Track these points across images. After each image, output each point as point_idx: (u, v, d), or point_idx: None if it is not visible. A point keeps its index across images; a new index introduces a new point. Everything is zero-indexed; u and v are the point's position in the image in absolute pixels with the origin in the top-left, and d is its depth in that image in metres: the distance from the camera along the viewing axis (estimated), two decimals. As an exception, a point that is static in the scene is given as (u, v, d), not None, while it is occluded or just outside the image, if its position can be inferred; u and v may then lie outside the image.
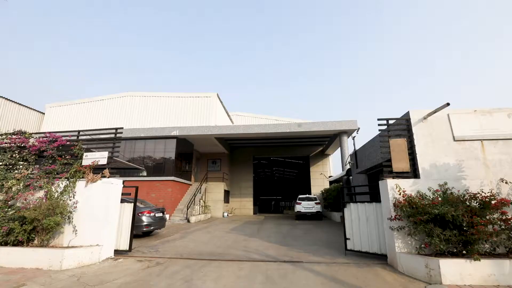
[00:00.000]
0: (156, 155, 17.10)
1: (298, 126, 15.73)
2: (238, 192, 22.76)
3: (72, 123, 20.51)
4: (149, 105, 20.16)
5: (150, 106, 20.13)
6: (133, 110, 20.37)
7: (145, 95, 20.34)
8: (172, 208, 16.37)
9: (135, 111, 20.31)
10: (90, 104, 20.83)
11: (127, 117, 20.20)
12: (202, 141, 19.04)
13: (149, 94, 20.26)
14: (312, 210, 16.16)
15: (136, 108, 20.37)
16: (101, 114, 20.46)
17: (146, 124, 19.63)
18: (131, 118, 20.09)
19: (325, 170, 22.26)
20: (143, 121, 19.67)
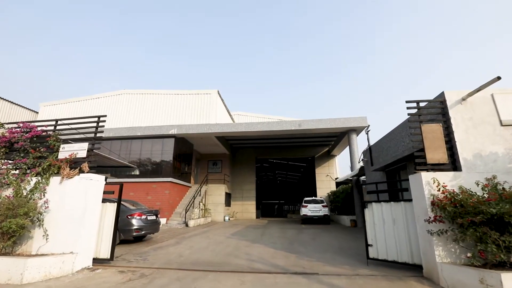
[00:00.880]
0: (154, 155, 16.19)
1: (303, 124, 14.77)
2: (240, 195, 21.74)
3: (67, 122, 19.77)
4: (146, 103, 19.33)
5: (147, 104, 19.30)
6: (129, 108, 19.54)
7: (142, 93, 19.53)
8: (169, 211, 15.39)
9: (132, 109, 19.48)
10: (85, 103, 20.07)
11: (124, 116, 19.38)
12: (202, 141, 18.11)
13: (146, 91, 19.45)
14: (319, 213, 15.11)
15: (133, 106, 19.54)
16: (97, 112, 19.64)
17: (143, 123, 18.80)
18: (127, 117, 19.26)
19: (331, 172, 21.21)
20: (141, 120, 18.82)
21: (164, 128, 16.05)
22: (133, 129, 16.40)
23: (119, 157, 16.50)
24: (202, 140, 17.84)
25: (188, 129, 15.73)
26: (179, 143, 17.00)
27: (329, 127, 14.62)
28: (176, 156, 16.42)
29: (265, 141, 20.64)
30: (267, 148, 22.46)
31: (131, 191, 15.60)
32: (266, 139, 19.68)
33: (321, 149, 21.82)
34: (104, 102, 19.97)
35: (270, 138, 19.71)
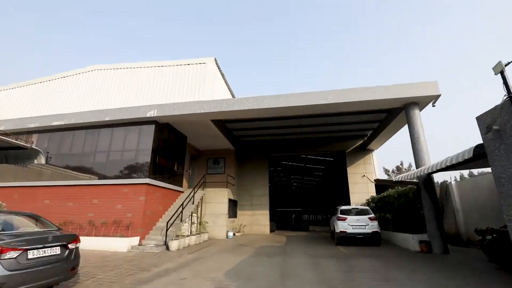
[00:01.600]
0: (127, 148, 11.74)
1: (337, 95, 9.89)
2: (249, 202, 16.91)
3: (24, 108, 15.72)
4: (124, 81, 15.08)
5: (125, 81, 15.05)
6: (102, 88, 15.35)
7: (118, 67, 15.34)
8: (146, 226, 10.78)
9: (105, 89, 15.27)
10: (49, 84, 16.09)
11: (95, 98, 15.19)
12: (195, 129, 13.54)
13: (122, 65, 15.26)
14: (365, 229, 10.04)
15: (106, 85, 15.35)
16: (63, 95, 15.65)
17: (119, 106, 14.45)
18: (100, 99, 15.04)
19: (368, 171, 16.07)
20: (117, 102, 14.51)
21: (141, 110, 11.60)
22: (101, 112, 12.05)
23: (82, 152, 12.16)
24: (194, 128, 13.27)
25: (172, 109, 11.20)
26: (164, 132, 12.49)
27: (378, 98, 9.67)
28: (158, 148, 11.90)
29: (280, 132, 15.84)
30: (282, 143, 17.63)
31: (94, 197, 11.18)
32: (282, 127, 14.89)
33: (353, 142, 16.75)
34: (72, 82, 15.94)
35: (286, 127, 14.91)
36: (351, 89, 9.92)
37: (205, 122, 12.29)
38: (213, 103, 10.79)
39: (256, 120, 13.51)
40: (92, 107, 14.63)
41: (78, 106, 14.89)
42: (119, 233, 10.25)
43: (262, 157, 17.61)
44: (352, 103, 10.01)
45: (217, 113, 10.90)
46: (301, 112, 10.88)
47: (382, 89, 9.73)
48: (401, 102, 9.93)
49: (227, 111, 10.59)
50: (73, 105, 15.14)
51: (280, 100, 10.22)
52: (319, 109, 10.58)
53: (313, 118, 13.42)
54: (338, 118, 13.47)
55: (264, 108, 10.38)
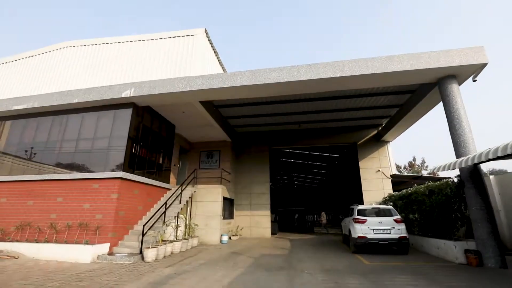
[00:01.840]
0: (99, 135, 9.78)
1: (357, 65, 7.88)
2: (248, 201, 14.93)
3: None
4: (100, 59, 13.08)
5: (101, 59, 13.05)
6: (75, 68, 13.38)
7: (93, 43, 13.38)
8: (121, 230, 8.83)
9: (79, 69, 13.29)
10: (12, 65, 14.11)
11: (68, 78, 13.19)
12: (185, 116, 11.59)
13: (99, 40, 13.29)
14: (391, 234, 8.05)
15: (80, 64, 13.38)
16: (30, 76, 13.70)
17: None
18: (73, 80, 13.05)
19: (383, 166, 14.06)
20: (92, 84, 12.49)
21: (114, 90, 9.63)
22: (68, 94, 10.10)
23: (47, 142, 10.22)
24: (184, 116, 11.31)
25: (152, 87, 9.22)
26: (145, 118, 10.54)
27: (406, 69, 7.66)
28: (136, 137, 9.94)
29: (282, 120, 13.87)
30: (285, 134, 15.64)
31: (59, 194, 9.25)
32: (283, 114, 12.91)
33: (366, 133, 14.74)
34: (41, 62, 14.00)
35: (288, 114, 12.93)
36: (372, 58, 7.91)
37: (194, 106, 10.31)
38: (201, 79, 8.80)
39: (254, 104, 11.54)
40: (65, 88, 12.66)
41: (47, 90, 12.94)
42: (84, 238, 8.30)
43: (262, 150, 15.62)
44: (372, 77, 8.00)
45: (206, 92, 8.91)
46: (308, 91, 8.88)
47: (412, 57, 7.72)
48: (435, 74, 7.91)
49: (218, 88, 8.60)
50: (40, 89, 13.19)
51: (283, 73, 8.21)
52: (330, 86, 8.58)
53: (321, 102, 11.45)
54: (350, 102, 11.48)
55: (263, 85, 8.38)
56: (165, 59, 12.05)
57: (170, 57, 11.96)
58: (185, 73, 11.17)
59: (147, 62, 12.35)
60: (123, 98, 9.55)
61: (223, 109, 12.17)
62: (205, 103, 10.49)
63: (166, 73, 11.43)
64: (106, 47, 13.25)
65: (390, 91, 10.41)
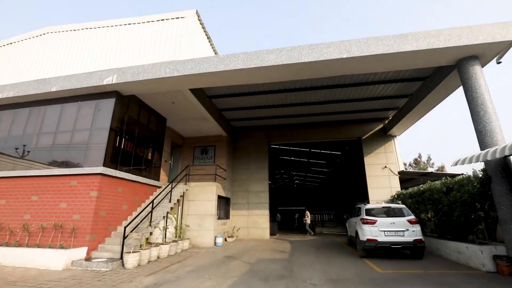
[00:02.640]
0: (79, 127, 8.86)
1: (366, 45, 6.92)
2: (245, 200, 14.00)
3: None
4: (83, 45, 12.09)
5: (85, 46, 12.06)
6: (57, 55, 12.41)
7: (76, 28, 12.40)
8: (101, 232, 7.91)
9: (61, 56, 12.32)
10: None
11: (50, 67, 12.22)
12: (176, 108, 10.69)
13: (81, 26, 12.30)
14: (405, 237, 7.11)
15: (62, 51, 12.41)
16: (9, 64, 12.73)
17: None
18: (55, 69, 12.07)
19: (390, 162, 13.11)
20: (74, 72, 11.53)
21: (95, 76, 8.69)
22: (46, 82, 9.16)
23: (22, 136, 9.30)
24: (175, 107, 10.39)
25: (136, 73, 8.28)
26: (132, 109, 9.61)
27: (422, 48, 6.70)
28: (121, 129, 9.02)
29: (281, 112, 12.94)
30: (284, 129, 14.71)
31: (34, 192, 8.34)
32: (283, 106, 11.97)
33: (371, 126, 13.79)
34: (20, 50, 13.03)
35: (288, 105, 11.99)
36: (384, 36, 6.97)
37: (184, 95, 9.38)
38: (190, 64, 7.85)
39: (250, 94, 10.61)
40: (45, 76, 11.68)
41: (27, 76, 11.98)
42: (59, 242, 7.39)
43: (260, 145, 14.68)
44: (383, 58, 7.06)
45: (196, 78, 7.97)
46: (310, 75, 7.93)
47: (429, 34, 6.77)
48: (454, 55, 6.96)
49: (210, 72, 7.65)
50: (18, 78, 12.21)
51: (282, 55, 7.27)
52: (335, 70, 7.64)
53: (323, 91, 10.52)
54: (355, 91, 10.55)
55: (260, 68, 7.44)
56: (154, 44, 11.07)
57: (158, 42, 10.98)
58: (174, 58, 10.22)
59: (134, 47, 11.38)
60: (106, 86, 8.62)
61: (218, 100, 11.24)
62: (197, 92, 9.55)
63: (154, 60, 10.46)
64: (90, 32, 12.27)
65: (400, 78, 9.47)
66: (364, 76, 9.31)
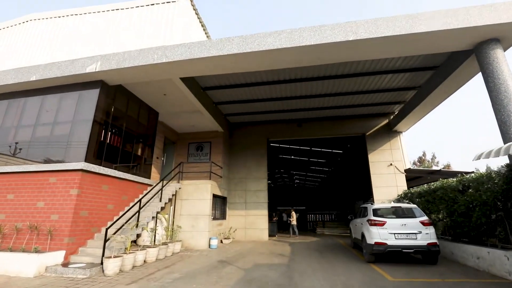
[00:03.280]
0: (61, 120, 8.16)
1: (377, 25, 6.20)
2: (242, 199, 13.29)
3: None
4: (68, 33, 11.37)
5: (70, 33, 11.34)
6: (40, 44, 11.70)
7: (60, 15, 11.67)
8: (81, 234, 7.20)
9: (44, 45, 11.61)
10: None
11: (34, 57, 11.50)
12: (168, 100, 9.98)
13: (66, 12, 11.60)
14: (417, 240, 6.40)
15: (46, 39, 11.69)
16: None
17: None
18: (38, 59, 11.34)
19: (396, 159, 12.40)
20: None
21: (77, 64, 7.98)
22: (26, 70, 8.46)
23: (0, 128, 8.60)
24: (164, 98, 9.68)
25: (122, 60, 7.56)
26: (119, 101, 8.91)
27: (437, 29, 5.98)
28: (106, 122, 8.32)
29: (280, 106, 12.23)
30: (284, 124, 14.00)
31: (10, 190, 7.66)
32: (282, 99, 11.26)
33: (375, 122, 13.08)
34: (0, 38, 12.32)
35: (287, 98, 11.28)
36: (395, 16, 6.25)
37: (176, 86, 8.67)
38: (180, 49, 7.14)
39: (247, 85, 9.90)
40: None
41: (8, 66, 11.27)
42: (35, 245, 6.68)
43: (259, 142, 13.97)
44: (393, 41, 6.35)
45: (187, 64, 7.26)
46: (312, 62, 7.21)
47: (446, 14, 6.04)
48: (473, 38, 6.25)
49: (201, 58, 6.93)
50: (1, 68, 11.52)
51: (282, 38, 6.55)
52: (339, 55, 6.93)
53: (325, 82, 9.81)
54: (360, 82, 9.83)
55: (257, 53, 6.73)
56: (142, 31, 10.35)
57: (147, 28, 10.26)
58: (165, 46, 9.49)
59: (121, 35, 10.66)
60: (89, 75, 7.90)
61: (213, 92, 10.52)
62: (189, 82, 8.84)
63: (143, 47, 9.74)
64: (75, 19, 11.55)
65: (409, 67, 8.75)
66: (370, 65, 8.59)
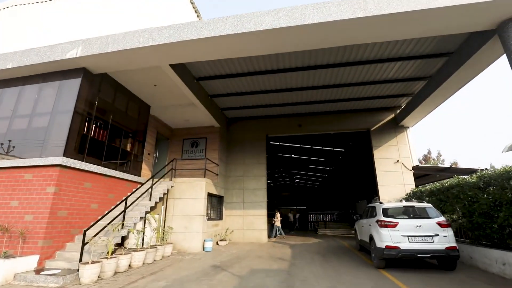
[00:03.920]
0: (39, 112, 7.46)
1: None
2: (240, 199, 12.57)
3: None
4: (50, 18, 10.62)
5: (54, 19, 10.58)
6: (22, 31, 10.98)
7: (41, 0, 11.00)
8: (59, 236, 6.51)
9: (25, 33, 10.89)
10: None
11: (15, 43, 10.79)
12: (160, 91, 9.29)
13: None
14: (434, 244, 5.68)
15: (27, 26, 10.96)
16: None
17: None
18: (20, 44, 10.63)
19: (403, 156, 11.68)
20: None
21: (57, 50, 7.28)
22: (2, 57, 7.75)
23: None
24: (155, 89, 8.99)
25: (104, 45, 6.86)
26: (105, 92, 8.21)
27: (457, 3, 5.26)
28: (89, 114, 7.62)
29: (279, 98, 11.53)
30: (284, 119, 13.29)
31: (-19, 189, 6.90)
32: (281, 91, 10.55)
33: (381, 117, 12.36)
34: None
35: (287, 90, 10.59)
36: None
37: (166, 75, 7.97)
38: (168, 30, 6.43)
39: (244, 75, 9.19)
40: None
41: None
42: (5, 249, 5.98)
43: (257, 138, 13.26)
44: (406, 19, 5.63)
45: (176, 48, 6.56)
46: (314, 45, 6.51)
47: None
48: (498, 12, 5.53)
49: (191, 40, 6.23)
50: None
51: (281, 17, 5.83)
52: (345, 36, 6.21)
53: (328, 71, 9.10)
54: (366, 72, 9.12)
55: (253, 34, 6.01)
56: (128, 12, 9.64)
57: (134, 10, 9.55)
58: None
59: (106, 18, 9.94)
60: (70, 61, 7.20)
61: (207, 82, 9.82)
62: (180, 70, 8.14)
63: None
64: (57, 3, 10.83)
65: (420, 54, 8.03)
66: (378, 51, 7.88)
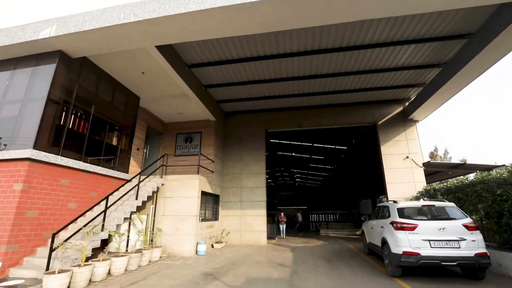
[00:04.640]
0: (9, 100, 6.65)
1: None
2: (237, 198, 11.76)
3: None
4: None
5: None
6: None
7: None
8: (29, 240, 5.69)
9: None
10: None
11: None
12: (149, 80, 8.47)
13: None
14: (461, 250, 4.86)
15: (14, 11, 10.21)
16: None
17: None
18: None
19: (413, 151, 10.86)
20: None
21: (30, 29, 6.46)
22: (-32, 39, 6.92)
23: None
24: (143, 78, 8.17)
25: (82, 23, 6.04)
26: (85, 77, 7.39)
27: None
28: (67, 102, 6.81)
29: (279, 89, 10.71)
30: (284, 113, 12.48)
31: None
32: (281, 80, 9.75)
33: (388, 109, 11.54)
34: None
35: (287, 79, 9.78)
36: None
37: (153, 59, 7.16)
38: (152, 4, 5.61)
39: (240, 61, 8.37)
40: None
41: None
42: (-37, 255, 5.18)
43: (256, 133, 12.45)
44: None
45: (161, 25, 5.75)
46: (319, 22, 5.69)
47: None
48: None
49: (178, 15, 5.41)
50: None
51: (282, -14, 5.01)
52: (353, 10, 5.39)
53: (333, 57, 8.30)
54: (375, 56, 8.30)
55: (248, 6, 5.18)
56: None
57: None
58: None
59: None
60: (45, 43, 6.39)
61: (200, 70, 9.00)
62: (170, 55, 7.33)
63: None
64: None
65: (437, 36, 7.21)
66: (389, 32, 7.07)
